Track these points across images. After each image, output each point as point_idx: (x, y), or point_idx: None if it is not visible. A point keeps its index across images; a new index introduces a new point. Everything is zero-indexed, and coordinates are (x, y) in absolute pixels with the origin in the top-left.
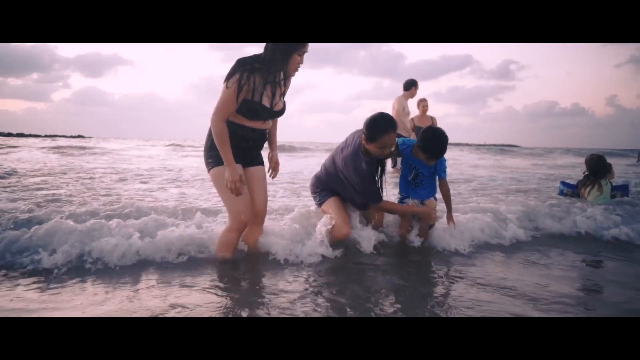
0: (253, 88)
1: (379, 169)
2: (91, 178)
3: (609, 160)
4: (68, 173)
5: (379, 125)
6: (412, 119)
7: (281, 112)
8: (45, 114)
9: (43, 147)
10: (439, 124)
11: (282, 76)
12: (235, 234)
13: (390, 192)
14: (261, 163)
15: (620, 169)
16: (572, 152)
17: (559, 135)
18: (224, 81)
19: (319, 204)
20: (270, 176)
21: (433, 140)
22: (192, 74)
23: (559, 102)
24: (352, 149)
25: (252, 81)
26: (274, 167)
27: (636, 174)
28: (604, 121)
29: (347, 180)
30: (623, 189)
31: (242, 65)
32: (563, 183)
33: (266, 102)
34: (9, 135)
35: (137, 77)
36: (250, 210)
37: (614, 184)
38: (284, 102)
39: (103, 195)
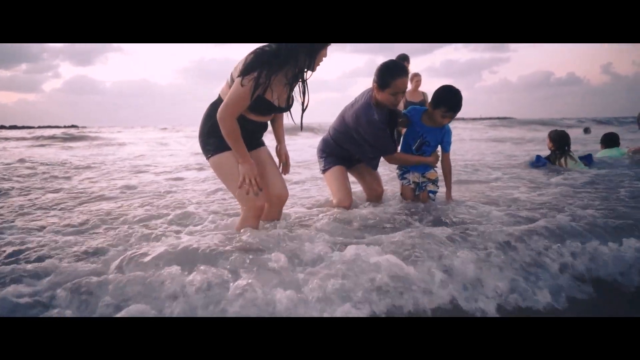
0: (268, 85)
1: (390, 124)
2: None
3: (613, 130)
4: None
5: (392, 70)
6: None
7: (289, 107)
8: (37, 104)
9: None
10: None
11: (307, 75)
12: (253, 221)
13: (391, 168)
14: (263, 144)
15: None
16: (572, 121)
17: (555, 106)
18: (239, 76)
19: (323, 170)
20: (282, 172)
21: (448, 92)
22: (182, 58)
23: (554, 72)
24: (362, 101)
25: (269, 78)
26: (285, 162)
27: None
28: (599, 89)
29: (358, 134)
30: (587, 159)
31: (261, 63)
32: (539, 157)
33: (276, 100)
34: (2, 127)
35: (127, 64)
36: (264, 193)
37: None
38: (293, 96)
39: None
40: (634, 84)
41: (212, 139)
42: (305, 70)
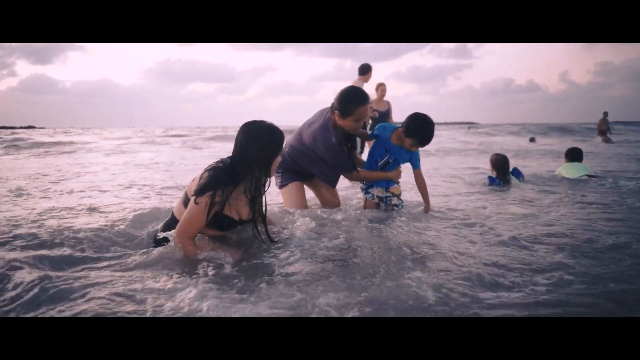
0: (225, 202)
1: (349, 144)
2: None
3: (574, 140)
4: None
5: (353, 98)
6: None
7: (252, 219)
8: None
9: None
10: (396, 106)
11: (265, 187)
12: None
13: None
14: None
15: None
16: (533, 127)
17: (516, 112)
18: (194, 195)
19: (280, 186)
20: None
21: (422, 126)
22: (147, 58)
23: (515, 79)
24: (320, 123)
25: (225, 196)
26: None
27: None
28: (557, 97)
29: (316, 154)
30: (514, 173)
31: (216, 183)
32: (491, 178)
33: (236, 214)
34: None
35: (88, 63)
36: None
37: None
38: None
39: None
40: (588, 93)
41: (163, 243)
42: (263, 180)
